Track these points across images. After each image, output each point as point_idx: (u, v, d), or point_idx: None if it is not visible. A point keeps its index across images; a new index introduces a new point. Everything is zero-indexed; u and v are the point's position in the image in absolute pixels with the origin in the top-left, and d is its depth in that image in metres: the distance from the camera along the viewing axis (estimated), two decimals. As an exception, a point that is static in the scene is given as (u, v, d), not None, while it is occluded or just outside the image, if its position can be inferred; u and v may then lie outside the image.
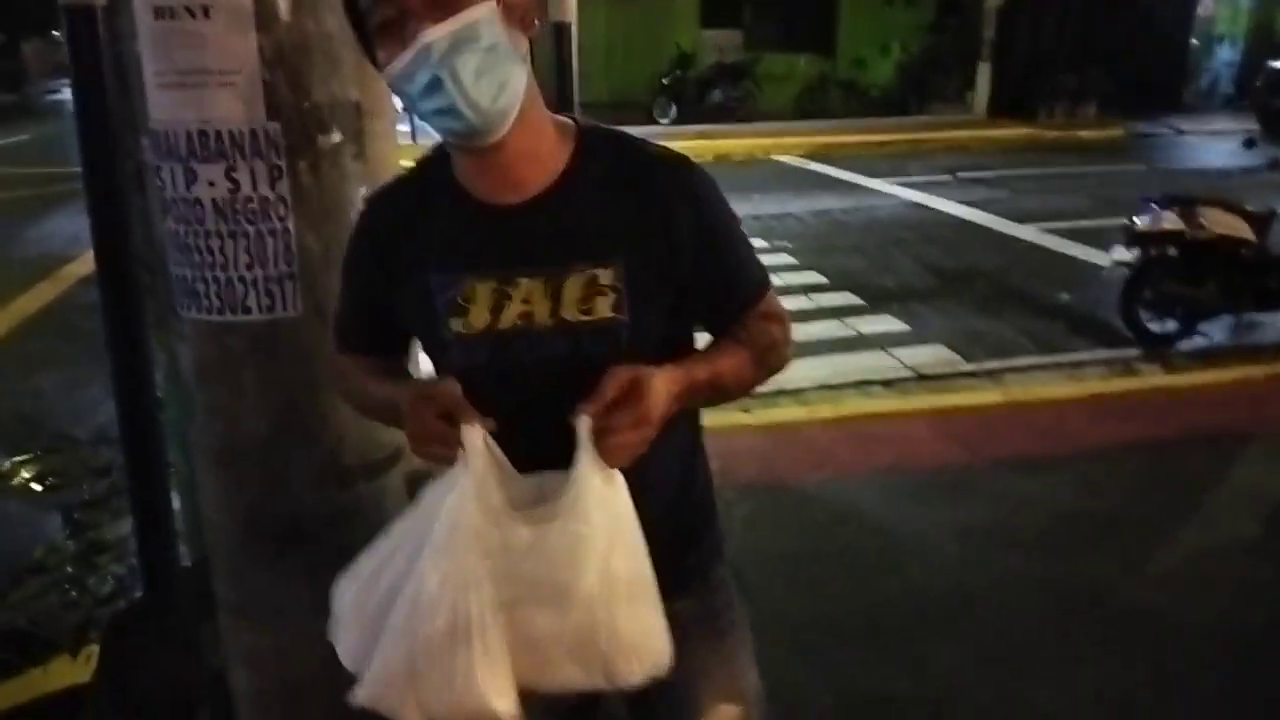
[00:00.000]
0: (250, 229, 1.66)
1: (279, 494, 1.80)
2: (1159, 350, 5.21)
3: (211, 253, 1.67)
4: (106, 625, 2.53)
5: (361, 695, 1.16)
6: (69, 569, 3.03)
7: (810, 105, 17.10)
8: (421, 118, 1.12)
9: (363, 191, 1.81)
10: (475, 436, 1.11)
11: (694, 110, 16.01)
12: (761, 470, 3.66)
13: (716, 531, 1.50)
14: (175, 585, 2.39)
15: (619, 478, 1.13)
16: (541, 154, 1.20)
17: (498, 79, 1.10)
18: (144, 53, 1.62)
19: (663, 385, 1.13)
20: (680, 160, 1.27)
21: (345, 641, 1.21)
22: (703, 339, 1.33)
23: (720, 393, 1.28)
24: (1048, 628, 2.73)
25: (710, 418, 4.48)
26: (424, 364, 1.47)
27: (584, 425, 1.10)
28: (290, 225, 1.68)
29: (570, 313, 1.19)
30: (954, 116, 16.70)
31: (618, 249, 1.19)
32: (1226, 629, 2.73)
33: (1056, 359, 5.13)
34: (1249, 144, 5.72)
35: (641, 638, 1.16)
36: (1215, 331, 5.43)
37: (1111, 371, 4.90)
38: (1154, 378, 4.80)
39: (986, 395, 4.53)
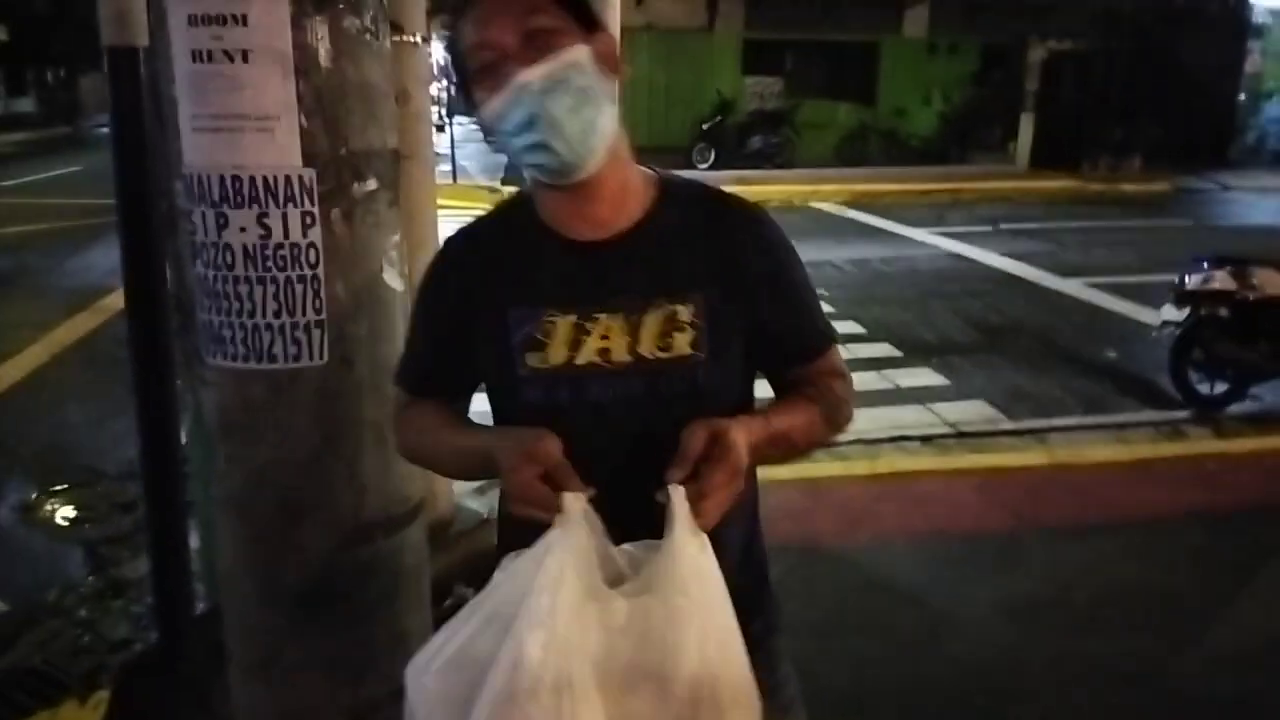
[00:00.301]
0: (280, 276, 1.62)
1: (296, 548, 1.74)
2: (1209, 413, 5.04)
3: (239, 299, 1.62)
4: (116, 673, 2.48)
5: None
6: (84, 612, 2.98)
7: (850, 153, 17.09)
8: (514, 156, 1.18)
9: (394, 239, 1.77)
10: (576, 506, 1.09)
11: (733, 156, 16.06)
12: (795, 529, 3.54)
13: (773, 597, 1.46)
14: (188, 633, 2.34)
15: (709, 544, 1.09)
16: (626, 194, 1.24)
17: (588, 118, 1.15)
18: (180, 95, 1.60)
19: (743, 436, 1.12)
20: (756, 208, 1.32)
21: (426, 713, 1.15)
22: (762, 395, 1.31)
23: (791, 448, 1.26)
24: (1101, 712, 2.58)
25: (745, 475, 4.25)
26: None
27: (677, 493, 1.08)
28: (320, 273, 1.63)
29: (648, 349, 1.21)
30: (996, 167, 16.60)
31: (697, 287, 1.22)
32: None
33: (1102, 419, 4.98)
34: (1303, 203, 5.57)
35: (739, 713, 1.12)
36: (1267, 395, 5.25)
37: (1160, 434, 4.74)
38: (1204, 442, 4.63)
39: (1030, 456, 4.38)
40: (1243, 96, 18.78)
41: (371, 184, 1.70)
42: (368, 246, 1.70)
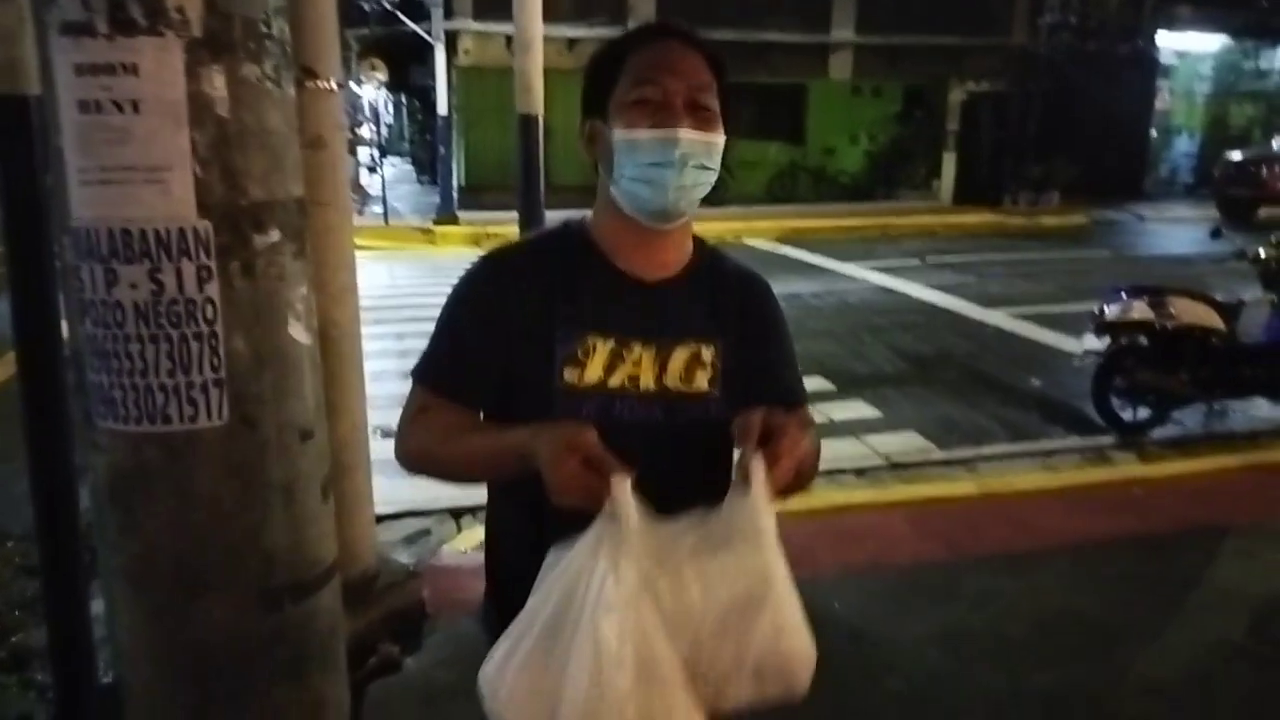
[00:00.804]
0: (174, 333, 1.54)
1: (198, 620, 1.64)
2: (1133, 438, 5.17)
3: (130, 358, 1.54)
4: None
5: None
6: (-19, 688, 2.81)
7: (781, 191, 17.42)
8: (629, 179, 1.35)
9: (301, 291, 1.71)
10: (625, 487, 1.14)
11: (666, 195, 16.23)
12: (732, 569, 3.52)
13: None
14: (91, 707, 2.21)
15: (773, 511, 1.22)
16: (683, 248, 1.45)
17: (701, 186, 1.37)
18: (67, 147, 1.52)
19: (795, 427, 1.21)
20: (760, 277, 1.54)
21: (518, 695, 1.19)
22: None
23: (801, 479, 1.31)
24: (1036, 745, 2.58)
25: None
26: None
27: (758, 460, 1.17)
28: (218, 329, 1.56)
29: (672, 381, 1.38)
30: (921, 203, 17.06)
31: (719, 333, 1.41)
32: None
33: (1029, 447, 5.08)
34: (1215, 234, 5.79)
35: (808, 648, 1.27)
36: (1188, 419, 5.40)
37: (1086, 460, 4.84)
38: (1129, 467, 4.74)
39: (961, 486, 4.43)
40: (1154, 133, 19.63)
41: (274, 235, 1.63)
42: (271, 300, 1.64)
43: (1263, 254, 5.35)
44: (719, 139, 1.37)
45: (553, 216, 1.61)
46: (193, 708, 1.69)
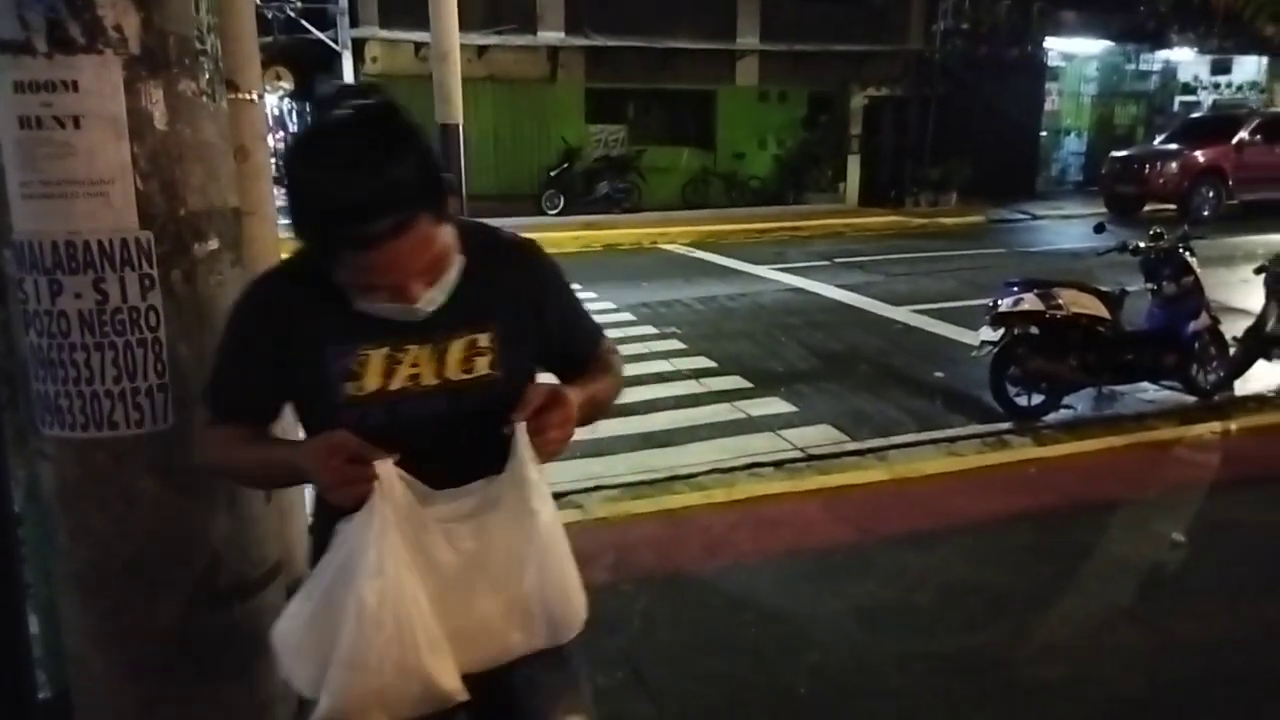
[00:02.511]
0: (119, 341, 1.60)
1: (148, 620, 1.70)
2: (1028, 423, 5.47)
3: (76, 366, 1.59)
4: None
5: (323, 710, 1.29)
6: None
7: (693, 196, 17.69)
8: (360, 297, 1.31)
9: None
10: (387, 467, 1.27)
11: (581, 202, 16.37)
12: (659, 560, 3.64)
13: None
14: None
15: (543, 472, 1.36)
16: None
17: (449, 288, 1.34)
18: (8, 163, 1.57)
19: (574, 395, 1.38)
20: (528, 242, 1.53)
21: (300, 671, 1.33)
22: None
23: (599, 408, 1.51)
24: (953, 705, 2.76)
25: (605, 508, 4.40)
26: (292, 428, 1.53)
27: (521, 429, 1.32)
28: (162, 335, 1.62)
29: (453, 373, 1.40)
30: (828, 206, 17.53)
31: (493, 316, 1.42)
32: (1113, 693, 2.82)
33: (935, 435, 5.32)
34: (1099, 229, 6.17)
35: (576, 598, 1.42)
36: (1079, 403, 5.74)
37: (986, 445, 5.10)
38: (1025, 450, 5.02)
39: (872, 473, 4.64)
40: (1044, 133, 20.55)
41: (213, 243, 1.70)
42: (212, 306, 1.70)
43: (1142, 246, 5.73)
44: (455, 264, 1.33)
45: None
46: (145, 706, 1.73)
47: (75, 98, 1.52)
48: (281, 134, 18.30)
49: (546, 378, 1.51)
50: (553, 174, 16.48)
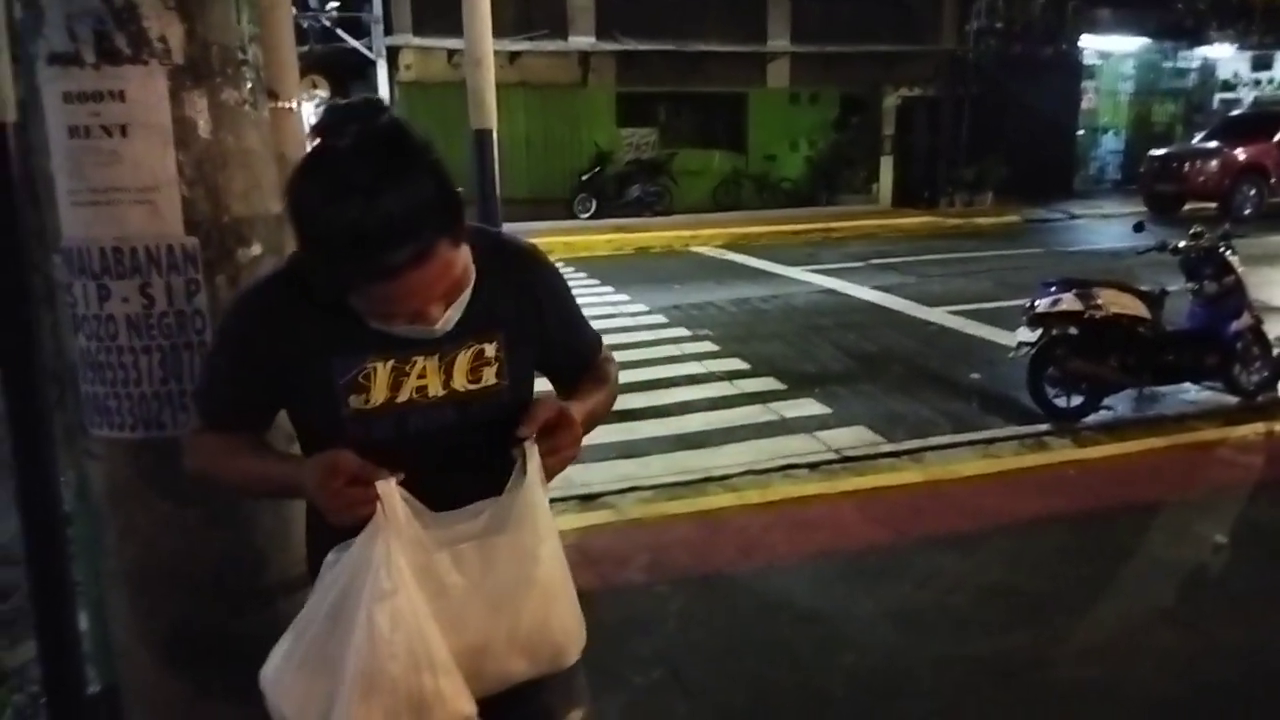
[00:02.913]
0: (165, 344, 1.64)
1: (194, 617, 1.73)
2: (1067, 424, 5.41)
3: (124, 369, 1.64)
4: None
5: None
6: (-37, 704, 2.83)
7: (725, 198, 17.68)
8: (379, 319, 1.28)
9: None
10: (390, 489, 1.24)
11: (613, 205, 16.42)
12: (694, 561, 3.65)
13: None
14: (82, 715, 2.26)
15: (548, 492, 1.35)
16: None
17: (464, 304, 1.31)
18: (57, 171, 1.61)
19: (578, 413, 1.37)
20: (530, 247, 1.49)
21: (302, 715, 1.27)
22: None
23: (595, 421, 1.48)
24: (988, 707, 2.75)
25: (639, 509, 4.41)
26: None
27: (532, 447, 1.30)
28: (208, 339, 1.66)
29: (460, 384, 1.37)
30: (861, 207, 17.44)
31: (499, 326, 1.39)
32: (1156, 699, 2.78)
33: (971, 436, 5.28)
34: (1139, 228, 6.08)
35: (575, 624, 1.41)
36: (1119, 405, 5.67)
37: (1024, 447, 5.05)
38: (1064, 452, 4.96)
39: (908, 475, 4.62)
40: (1081, 132, 20.29)
41: (257, 249, 1.74)
42: (255, 310, 1.74)
43: (1182, 245, 5.65)
44: (471, 278, 1.30)
45: (506, 230, 1.69)
46: (191, 700, 1.77)
47: (122, 107, 1.57)
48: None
49: (541, 383, 1.51)
50: (584, 178, 16.55)
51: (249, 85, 1.74)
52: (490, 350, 1.38)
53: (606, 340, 1.63)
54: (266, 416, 1.43)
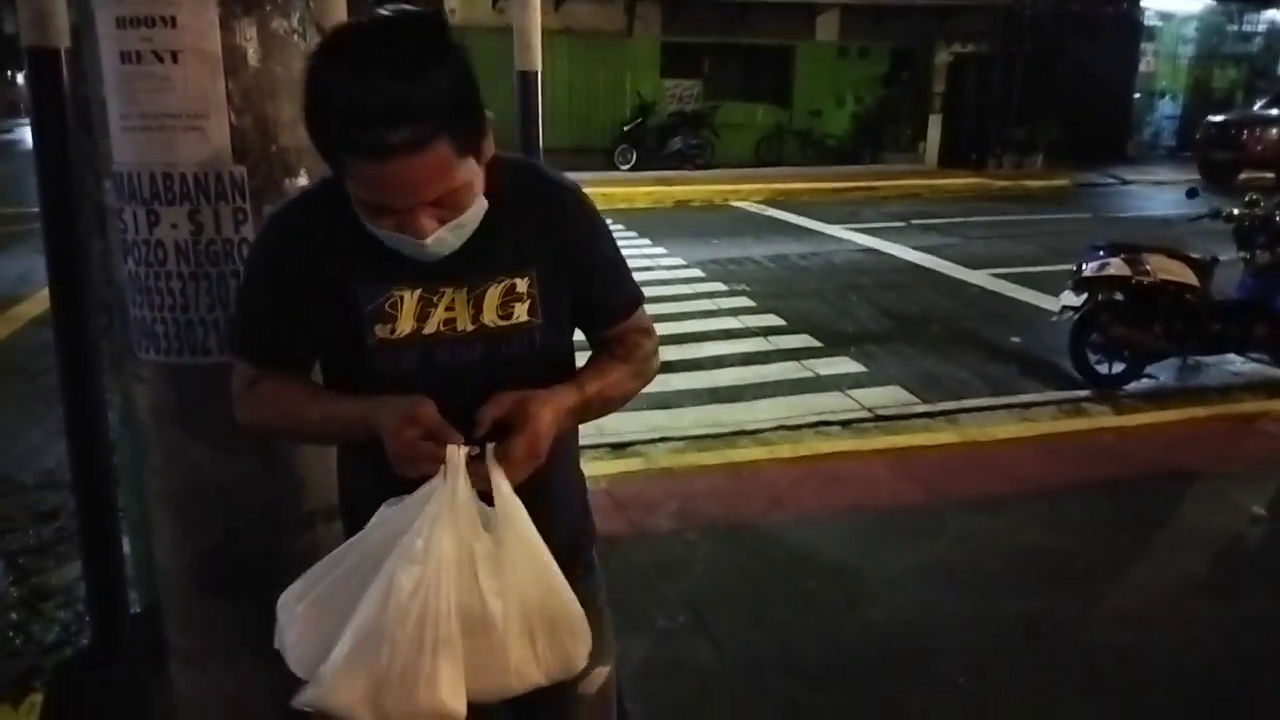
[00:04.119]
0: (213, 271, 1.66)
1: (236, 538, 1.78)
2: (1108, 391, 5.33)
3: (173, 295, 1.66)
4: (51, 674, 2.45)
5: (310, 695, 1.21)
6: (13, 615, 2.94)
7: (768, 153, 17.46)
8: (381, 235, 1.21)
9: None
10: (459, 457, 1.19)
11: (654, 157, 16.28)
12: (723, 511, 3.67)
13: (589, 513, 1.60)
14: (124, 633, 2.33)
15: (514, 498, 1.24)
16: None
17: (465, 234, 1.24)
18: (109, 96, 1.63)
19: (548, 410, 1.26)
20: (569, 182, 1.41)
21: (297, 647, 1.25)
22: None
23: (606, 405, 1.40)
24: (1013, 667, 2.75)
25: (669, 459, 4.44)
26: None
27: (490, 456, 1.22)
28: (254, 268, 1.67)
29: (490, 318, 1.31)
30: (907, 166, 17.13)
31: (531, 260, 1.33)
32: (1184, 666, 2.77)
33: (1008, 400, 5.23)
34: (1191, 194, 5.93)
35: (581, 626, 1.32)
36: (1162, 373, 5.57)
37: (1062, 412, 5.00)
38: (1103, 418, 4.91)
39: (942, 435, 4.59)
40: (1137, 96, 19.71)
41: (303, 179, 1.74)
42: (300, 240, 1.75)
43: (1236, 213, 5.50)
44: (473, 208, 1.22)
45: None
46: (229, 621, 1.82)
47: (173, 33, 1.57)
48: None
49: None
50: (626, 129, 16.41)
51: (298, 16, 1.73)
52: (522, 286, 1.32)
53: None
54: (307, 349, 1.37)
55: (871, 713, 2.53)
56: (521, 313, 1.33)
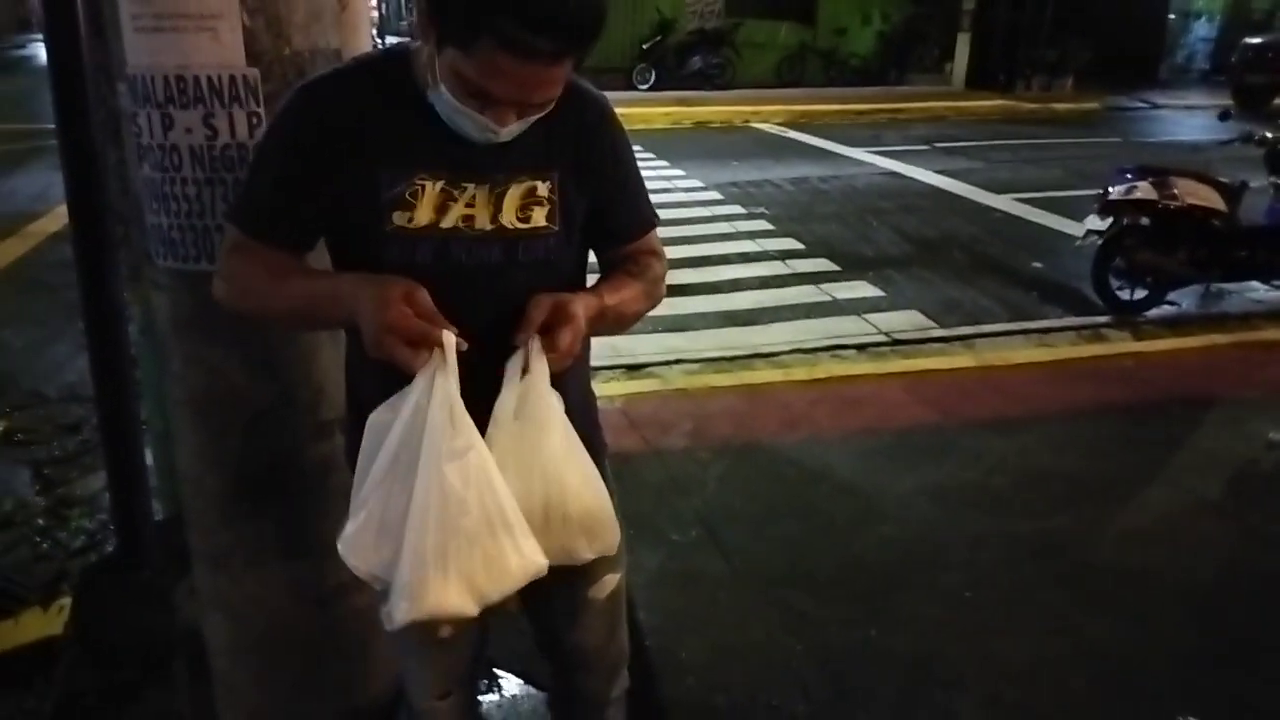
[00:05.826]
0: (228, 177, 1.65)
1: (256, 445, 1.80)
2: (1129, 318, 5.29)
3: (188, 200, 1.65)
4: (79, 578, 2.53)
5: (404, 614, 1.20)
6: (40, 522, 3.02)
7: (790, 74, 17.05)
8: (450, 111, 1.21)
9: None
10: (453, 341, 1.18)
11: (674, 77, 15.94)
12: (736, 430, 3.70)
13: (599, 426, 1.60)
14: (148, 540, 2.40)
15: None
16: None
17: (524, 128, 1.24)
18: (120, -6, 1.60)
19: (582, 309, 1.28)
20: (605, 101, 1.41)
21: (366, 551, 1.24)
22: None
23: (620, 319, 1.40)
24: (1021, 582, 2.79)
25: (684, 380, 4.47)
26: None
27: (535, 344, 1.23)
28: (269, 173, 1.66)
29: (509, 219, 1.31)
30: (932, 88, 16.73)
31: (554, 165, 1.32)
32: (1191, 583, 2.80)
33: (1028, 325, 5.19)
34: (1224, 117, 5.78)
35: (605, 515, 1.36)
36: (1184, 300, 5.51)
37: (1081, 338, 4.97)
38: (1122, 344, 4.88)
39: (959, 360, 4.58)
40: (1173, 16, 19.07)
41: (315, 84, 1.72)
42: (314, 147, 1.73)
43: (1269, 137, 5.36)
44: (547, 107, 1.23)
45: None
46: (250, 525, 1.86)
47: (183, -70, 1.54)
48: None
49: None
50: (645, 47, 16.03)
51: (309, -87, 1.68)
52: (543, 189, 1.32)
53: (660, 215, 1.54)
54: (310, 230, 1.33)
55: (879, 624, 2.58)
56: (540, 217, 1.32)
